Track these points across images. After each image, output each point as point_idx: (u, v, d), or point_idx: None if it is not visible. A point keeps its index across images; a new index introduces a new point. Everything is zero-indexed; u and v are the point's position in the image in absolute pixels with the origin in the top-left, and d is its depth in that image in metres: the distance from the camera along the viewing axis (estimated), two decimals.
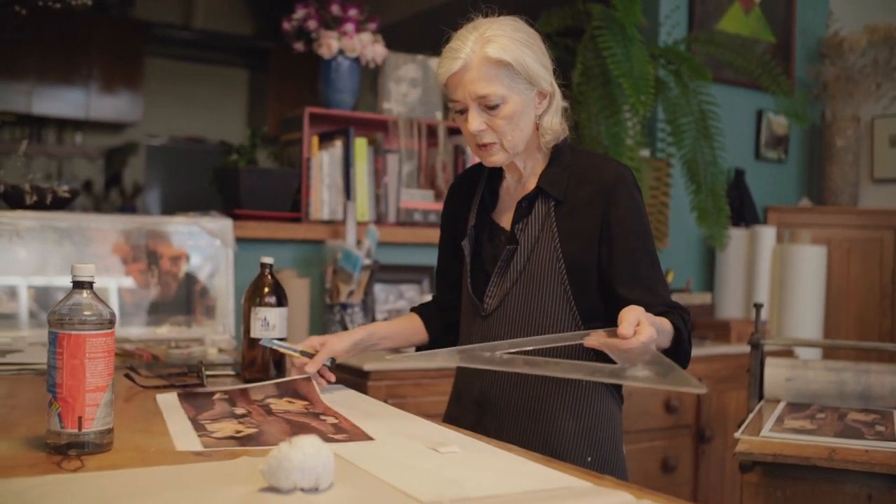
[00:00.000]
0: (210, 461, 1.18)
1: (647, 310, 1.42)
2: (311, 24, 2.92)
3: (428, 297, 2.04)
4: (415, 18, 5.48)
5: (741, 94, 4.06)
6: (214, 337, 2.51)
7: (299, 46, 3.01)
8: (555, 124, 1.63)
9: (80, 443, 1.18)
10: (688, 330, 1.56)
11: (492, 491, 1.05)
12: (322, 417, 1.46)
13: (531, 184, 1.67)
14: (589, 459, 1.62)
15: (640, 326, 1.34)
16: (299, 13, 2.94)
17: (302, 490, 1.02)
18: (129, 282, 2.56)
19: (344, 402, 1.62)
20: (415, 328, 1.83)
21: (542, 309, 1.61)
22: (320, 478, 1.03)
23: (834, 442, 1.89)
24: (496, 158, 1.60)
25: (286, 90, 6.79)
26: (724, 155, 3.54)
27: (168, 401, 1.58)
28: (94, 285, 1.22)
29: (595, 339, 1.43)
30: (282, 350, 1.75)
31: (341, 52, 2.96)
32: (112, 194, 6.41)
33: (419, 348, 1.86)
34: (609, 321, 1.59)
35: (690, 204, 3.44)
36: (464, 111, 1.57)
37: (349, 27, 2.93)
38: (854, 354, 3.40)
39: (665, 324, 1.49)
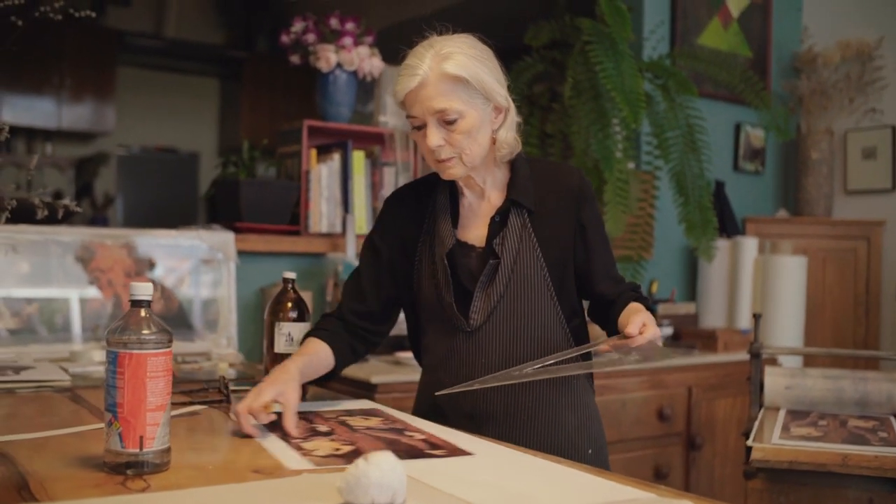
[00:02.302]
0: (272, 478, 1.18)
1: (619, 297, 1.64)
2: (310, 37, 2.93)
3: None
4: (402, 26, 5.49)
5: (720, 107, 4.14)
6: (219, 351, 2.50)
7: (295, 59, 3.01)
8: (510, 138, 1.66)
9: (140, 462, 1.18)
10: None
11: None
12: (407, 433, 1.46)
13: (495, 198, 1.71)
14: (590, 452, 1.70)
15: (644, 326, 1.48)
16: (297, 26, 2.94)
17: None
18: None
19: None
20: (323, 359, 1.70)
21: (532, 316, 1.66)
22: (396, 494, 1.05)
23: (844, 448, 1.94)
24: (454, 171, 1.63)
25: (259, 100, 6.76)
26: (709, 167, 3.61)
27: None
28: (97, 299, 1.22)
29: (607, 345, 1.55)
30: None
31: (339, 65, 2.97)
32: (83, 205, 6.33)
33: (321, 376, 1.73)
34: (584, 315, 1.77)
35: (678, 216, 3.49)
36: (422, 127, 1.59)
37: (347, 41, 2.94)
38: (829, 361, 3.49)
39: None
